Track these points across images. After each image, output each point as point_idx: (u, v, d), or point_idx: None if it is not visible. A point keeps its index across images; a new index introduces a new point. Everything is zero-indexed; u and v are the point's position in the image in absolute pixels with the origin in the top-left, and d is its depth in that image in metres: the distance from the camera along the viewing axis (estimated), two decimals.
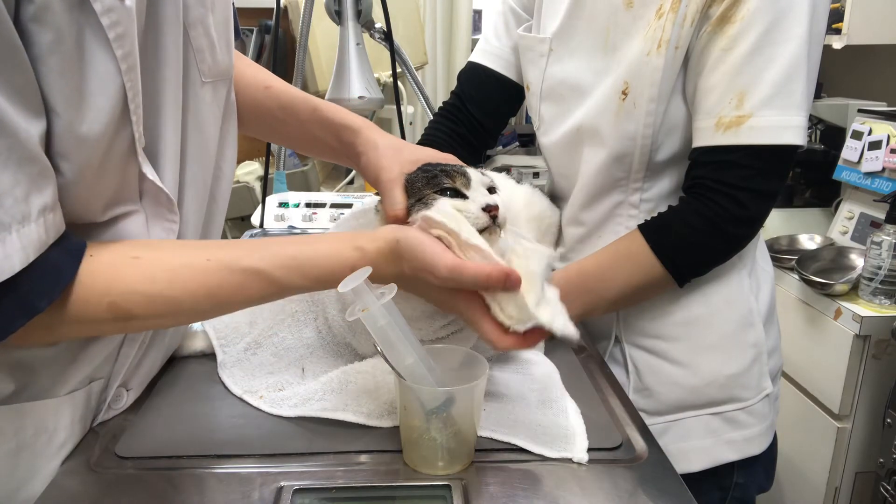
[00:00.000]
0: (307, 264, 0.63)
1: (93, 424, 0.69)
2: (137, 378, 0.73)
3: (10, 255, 0.50)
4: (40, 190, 0.52)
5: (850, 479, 1.64)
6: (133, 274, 0.59)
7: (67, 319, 0.57)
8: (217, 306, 0.63)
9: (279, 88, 0.87)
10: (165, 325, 0.69)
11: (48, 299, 0.54)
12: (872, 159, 1.74)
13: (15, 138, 0.49)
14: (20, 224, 0.50)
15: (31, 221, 0.51)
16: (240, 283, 0.61)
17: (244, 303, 0.64)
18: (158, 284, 0.59)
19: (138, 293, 0.58)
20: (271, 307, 0.82)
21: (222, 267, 0.61)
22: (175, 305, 0.60)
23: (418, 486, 0.61)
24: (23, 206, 0.51)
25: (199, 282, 0.60)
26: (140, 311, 0.58)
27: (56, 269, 0.55)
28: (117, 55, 0.54)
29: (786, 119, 0.80)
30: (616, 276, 0.88)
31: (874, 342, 1.53)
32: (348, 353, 0.78)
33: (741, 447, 0.94)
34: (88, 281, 0.57)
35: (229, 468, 0.62)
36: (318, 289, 0.65)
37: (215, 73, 0.70)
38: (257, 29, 2.25)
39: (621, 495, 0.59)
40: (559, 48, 0.96)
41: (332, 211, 1.58)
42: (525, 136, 2.54)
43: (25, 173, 0.51)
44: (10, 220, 0.50)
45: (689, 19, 0.82)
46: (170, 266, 0.61)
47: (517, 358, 0.80)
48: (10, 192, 0.50)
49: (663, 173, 0.91)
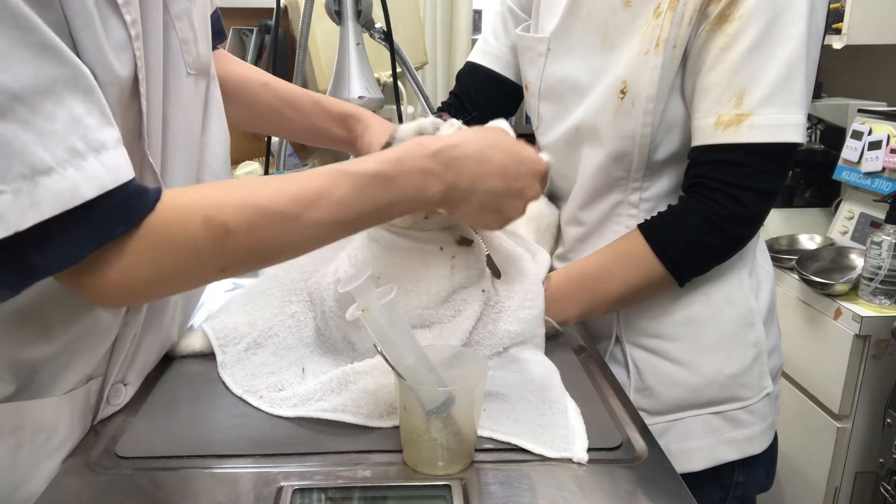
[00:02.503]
0: (392, 153, 0.65)
1: (94, 422, 0.69)
2: (134, 372, 0.73)
3: (79, 184, 0.49)
4: (110, 122, 0.53)
5: (850, 479, 1.63)
6: (218, 189, 0.61)
7: (164, 244, 0.55)
8: (307, 207, 0.61)
9: (277, 84, 0.91)
10: (263, 241, 0.61)
11: (126, 226, 0.53)
12: (872, 159, 1.74)
13: (76, 68, 0.50)
14: (97, 152, 0.50)
15: (108, 149, 0.51)
16: (329, 183, 0.62)
17: (333, 206, 0.62)
18: (246, 195, 0.59)
19: (229, 204, 0.58)
20: (271, 308, 0.82)
21: (307, 174, 0.62)
22: (267, 212, 0.59)
23: (418, 486, 0.61)
24: (98, 134, 0.51)
25: (284, 189, 0.60)
26: (234, 223, 0.57)
27: (137, 195, 0.55)
28: (126, 21, 0.56)
29: (785, 117, 0.80)
30: (616, 276, 0.88)
31: (874, 342, 1.53)
32: (348, 353, 0.78)
33: (742, 446, 0.94)
34: (177, 199, 0.57)
35: (229, 468, 0.62)
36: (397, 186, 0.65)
37: (198, 66, 0.72)
38: (257, 29, 2.25)
39: (621, 495, 0.59)
40: (557, 48, 0.96)
41: None
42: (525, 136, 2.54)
43: (95, 104, 0.51)
44: (86, 148, 0.50)
45: (688, 18, 0.82)
46: (253, 180, 0.63)
47: (517, 358, 0.80)
48: (85, 117, 0.50)
49: (663, 172, 0.91)
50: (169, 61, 0.66)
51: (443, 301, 0.77)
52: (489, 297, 0.80)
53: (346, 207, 0.62)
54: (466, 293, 0.78)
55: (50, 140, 0.48)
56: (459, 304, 0.77)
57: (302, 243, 0.63)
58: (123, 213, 0.53)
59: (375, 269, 0.76)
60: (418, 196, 0.66)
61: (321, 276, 0.81)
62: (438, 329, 0.77)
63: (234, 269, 0.61)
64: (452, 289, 0.77)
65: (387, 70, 1.86)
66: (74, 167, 0.49)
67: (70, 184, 0.49)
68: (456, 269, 0.77)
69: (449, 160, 0.66)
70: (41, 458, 0.64)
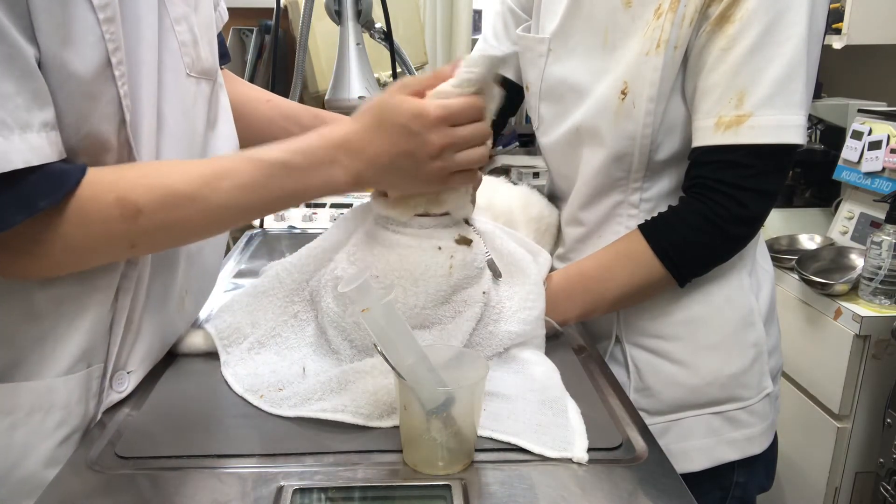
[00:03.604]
0: (299, 144, 0.68)
1: (99, 409, 0.71)
2: (135, 359, 0.74)
3: (9, 152, 0.53)
4: (41, 107, 0.56)
5: (850, 479, 1.63)
6: (135, 170, 0.65)
7: (78, 221, 0.60)
8: (213, 190, 0.64)
9: (279, 101, 0.99)
10: (173, 221, 0.64)
11: (50, 200, 0.58)
12: (872, 159, 1.74)
13: (16, 49, 0.53)
14: (22, 130, 0.54)
15: (32, 131, 0.55)
16: (233, 167, 0.66)
17: (238, 190, 0.65)
18: (159, 176, 0.64)
19: (141, 185, 0.62)
20: (274, 308, 0.82)
21: (218, 158, 0.68)
22: (175, 193, 0.63)
23: (418, 486, 0.61)
24: (24, 114, 0.55)
25: (194, 171, 0.65)
26: (145, 203, 0.61)
27: (60, 174, 0.59)
28: (94, 4, 0.58)
29: (786, 118, 0.80)
30: (616, 277, 0.88)
31: (874, 342, 1.53)
32: (349, 352, 0.78)
33: (742, 446, 0.94)
34: (94, 180, 0.61)
35: (229, 468, 0.62)
36: (302, 175, 0.68)
37: (199, 69, 0.75)
38: (257, 29, 2.25)
39: (621, 495, 0.59)
40: (558, 48, 0.96)
41: (332, 211, 1.58)
42: (525, 136, 2.54)
43: (27, 87, 0.55)
44: (13, 123, 0.54)
45: (688, 19, 0.82)
46: (169, 163, 0.68)
47: (517, 358, 0.80)
48: (13, 98, 0.54)
49: (663, 173, 0.91)
50: (166, 60, 0.69)
51: (442, 301, 0.77)
52: (490, 296, 0.80)
53: (251, 192, 0.66)
54: (467, 294, 0.78)
55: None
56: (460, 306, 0.77)
57: (209, 224, 0.68)
58: (47, 188, 0.57)
59: (374, 267, 0.76)
60: (327, 184, 0.69)
61: (321, 275, 0.81)
62: (439, 330, 0.77)
63: (144, 246, 0.66)
64: (451, 289, 0.77)
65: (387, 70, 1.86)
66: (3, 137, 0.53)
67: (1, 150, 0.53)
68: (454, 268, 0.77)
69: (351, 149, 0.68)
70: (37, 438, 0.66)
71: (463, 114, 0.68)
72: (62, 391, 0.67)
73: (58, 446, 0.67)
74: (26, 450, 0.65)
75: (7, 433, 0.65)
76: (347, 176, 0.69)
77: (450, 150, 0.69)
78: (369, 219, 0.81)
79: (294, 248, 0.87)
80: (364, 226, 0.81)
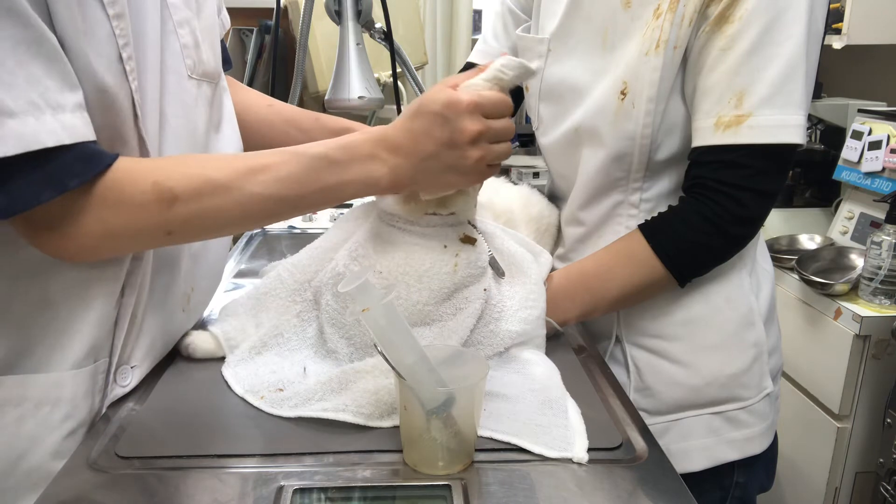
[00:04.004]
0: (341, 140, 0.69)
1: (104, 403, 0.72)
2: (139, 354, 0.74)
3: (39, 132, 0.54)
4: (72, 89, 0.57)
5: (850, 479, 1.63)
6: (173, 160, 0.67)
7: (114, 203, 0.61)
8: (252, 181, 0.65)
9: (280, 105, 1.00)
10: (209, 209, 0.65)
11: (81, 179, 0.58)
12: (872, 159, 1.74)
13: (41, 34, 0.54)
14: (54, 110, 0.55)
15: (66, 111, 0.56)
16: (273, 160, 0.66)
17: (278, 182, 0.66)
18: (195, 165, 0.65)
19: (178, 172, 0.63)
20: (277, 308, 0.82)
21: (257, 153, 0.68)
22: (212, 181, 0.64)
23: (418, 486, 0.61)
24: (56, 95, 0.55)
25: (231, 162, 0.66)
26: (182, 190, 0.63)
27: (93, 154, 0.60)
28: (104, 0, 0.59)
29: (785, 118, 0.80)
30: (617, 276, 0.88)
31: (874, 342, 1.53)
32: (346, 350, 0.78)
33: (742, 446, 0.94)
34: (131, 165, 0.62)
35: (229, 468, 0.62)
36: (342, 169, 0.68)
37: (200, 71, 0.77)
38: (257, 29, 2.25)
39: (621, 495, 0.59)
40: (557, 48, 0.96)
41: (333, 211, 1.58)
42: (525, 136, 2.54)
43: (56, 70, 0.56)
44: (44, 105, 0.54)
45: (688, 19, 0.82)
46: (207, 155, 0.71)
47: (517, 358, 0.80)
48: (42, 80, 0.54)
49: (663, 173, 0.91)
50: (168, 61, 0.71)
51: (445, 298, 0.77)
52: (491, 295, 0.80)
53: (291, 184, 0.66)
54: (468, 291, 0.78)
55: (12, 90, 0.53)
56: (461, 303, 0.78)
57: (245, 215, 0.67)
58: (78, 168, 0.58)
59: (377, 264, 0.76)
60: (366, 180, 0.69)
61: (323, 275, 0.81)
62: (439, 327, 0.77)
63: (180, 235, 0.66)
64: (455, 286, 0.77)
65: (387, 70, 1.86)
66: (34, 117, 0.54)
67: (31, 129, 0.54)
68: (459, 266, 0.77)
69: (391, 145, 0.69)
70: (44, 430, 0.67)
71: (494, 107, 0.69)
72: (70, 385, 0.68)
73: (64, 439, 0.68)
74: (33, 441, 0.66)
75: (15, 424, 0.66)
76: (387, 171, 0.69)
77: (485, 139, 0.69)
78: (372, 217, 0.81)
79: (294, 248, 0.87)
80: (367, 224, 0.81)
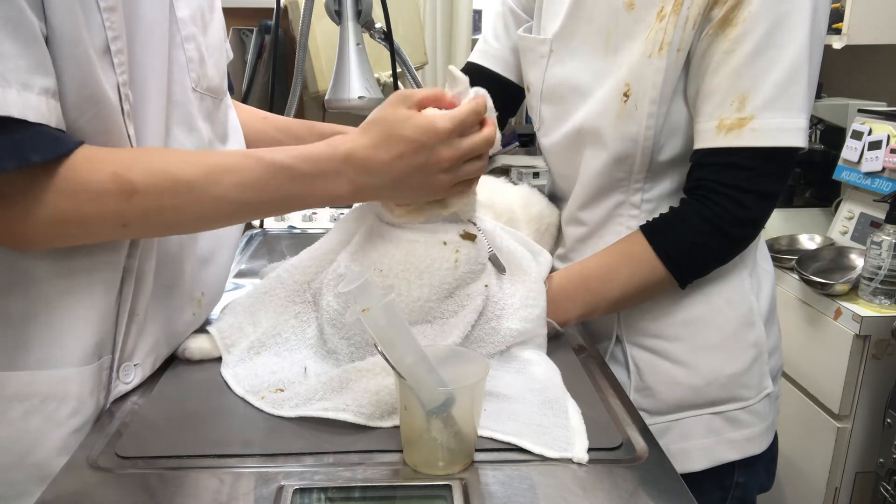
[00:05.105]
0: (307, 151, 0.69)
1: (108, 400, 0.72)
2: (142, 351, 0.75)
3: (6, 101, 0.54)
4: (43, 74, 0.57)
5: (850, 479, 1.64)
6: (137, 152, 0.66)
7: (70, 189, 0.60)
8: (214, 182, 0.65)
9: (274, 118, 1.04)
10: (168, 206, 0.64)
11: (42, 156, 0.58)
12: (872, 159, 1.74)
13: (22, 14, 0.55)
14: (20, 87, 0.55)
15: (32, 92, 0.56)
16: (237, 163, 0.66)
17: (240, 186, 0.66)
18: (158, 160, 0.65)
19: (141, 165, 0.63)
20: (275, 308, 0.82)
21: (223, 153, 0.68)
22: (174, 178, 0.63)
23: (418, 486, 0.61)
24: (24, 75, 0.55)
25: (196, 161, 0.66)
26: (142, 183, 0.62)
27: (56, 137, 0.59)
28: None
29: (787, 121, 0.80)
30: (618, 277, 0.88)
31: (874, 342, 1.53)
32: (346, 350, 0.78)
33: (742, 447, 0.94)
34: (92, 153, 0.62)
35: (229, 468, 0.62)
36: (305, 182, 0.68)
37: (205, 86, 0.79)
38: (257, 29, 2.25)
39: (621, 495, 0.59)
40: (560, 49, 0.96)
41: (332, 211, 1.58)
42: (525, 136, 2.53)
43: (30, 52, 0.56)
44: (12, 79, 0.54)
45: (691, 21, 0.82)
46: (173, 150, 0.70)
47: (518, 358, 0.80)
48: (14, 58, 0.55)
49: (665, 174, 0.91)
50: (174, 73, 0.73)
51: (446, 295, 0.77)
52: (492, 293, 0.80)
53: (253, 191, 0.66)
54: (469, 288, 0.78)
55: None
56: (463, 300, 0.78)
57: (204, 216, 0.67)
58: (42, 146, 0.58)
59: (378, 262, 0.76)
60: (329, 193, 0.70)
61: (324, 275, 0.81)
62: (440, 324, 0.77)
63: (135, 228, 0.66)
64: (456, 283, 0.77)
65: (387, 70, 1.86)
66: (1, 87, 0.54)
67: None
68: (460, 262, 0.77)
69: (359, 165, 0.69)
70: (51, 425, 0.67)
71: (469, 120, 0.71)
72: (76, 381, 0.68)
73: (70, 435, 0.68)
74: (40, 437, 0.67)
75: (22, 419, 0.66)
76: (350, 188, 0.70)
77: (458, 162, 0.71)
78: (371, 217, 0.81)
79: (294, 248, 0.87)
80: (366, 224, 0.81)
